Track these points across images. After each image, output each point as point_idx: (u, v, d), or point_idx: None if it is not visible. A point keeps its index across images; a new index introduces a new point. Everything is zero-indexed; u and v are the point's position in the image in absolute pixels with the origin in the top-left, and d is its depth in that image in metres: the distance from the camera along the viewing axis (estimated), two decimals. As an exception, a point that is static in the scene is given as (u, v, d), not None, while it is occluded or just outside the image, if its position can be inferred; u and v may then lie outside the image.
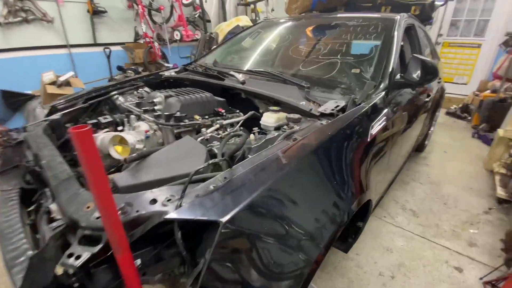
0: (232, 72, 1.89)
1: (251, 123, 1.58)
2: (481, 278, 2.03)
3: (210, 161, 0.86)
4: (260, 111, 1.68)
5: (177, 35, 5.16)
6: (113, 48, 4.78)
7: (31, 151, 1.28)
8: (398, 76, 1.70)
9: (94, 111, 2.03)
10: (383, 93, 1.52)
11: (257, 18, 6.17)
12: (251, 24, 5.66)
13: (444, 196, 3.08)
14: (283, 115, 1.39)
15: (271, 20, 2.80)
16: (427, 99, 2.43)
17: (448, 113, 5.44)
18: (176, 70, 2.43)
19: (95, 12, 4.55)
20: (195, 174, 0.81)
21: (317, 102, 1.46)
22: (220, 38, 5.38)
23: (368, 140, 1.30)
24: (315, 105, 1.43)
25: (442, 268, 2.17)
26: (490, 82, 5.11)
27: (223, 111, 1.55)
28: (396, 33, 1.91)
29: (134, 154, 0.97)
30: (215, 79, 1.90)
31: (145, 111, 1.48)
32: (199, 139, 1.21)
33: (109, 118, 1.82)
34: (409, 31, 2.30)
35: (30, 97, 4.07)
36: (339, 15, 2.52)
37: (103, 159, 1.33)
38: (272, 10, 6.31)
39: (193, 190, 0.80)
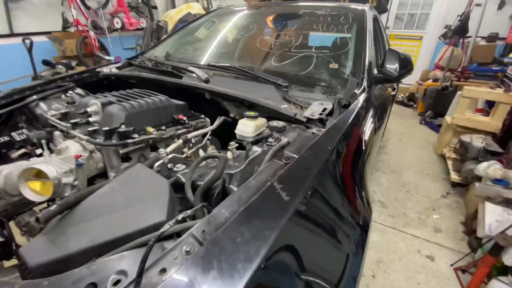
0: (191, 68, 1.56)
1: (219, 130, 1.30)
2: (451, 265, 2.11)
3: (179, 216, 0.57)
4: (231, 115, 1.40)
5: (117, 23, 4.47)
6: (35, 38, 3.91)
7: None
8: (375, 71, 1.56)
9: (6, 123, 1.52)
10: (365, 91, 1.37)
11: (209, 6, 5.72)
12: (204, 12, 5.21)
13: (405, 183, 3.21)
14: (262, 121, 1.14)
15: (228, 8, 2.49)
16: (393, 92, 2.41)
17: (396, 102, 5.79)
18: (118, 65, 1.98)
19: (7, -6, 3.66)
20: (156, 238, 0.51)
21: (299, 104, 1.23)
22: (170, 27, 4.83)
23: (363, 148, 1.12)
24: (297, 108, 1.20)
25: (416, 259, 2.21)
26: (431, 71, 5.55)
27: (184, 118, 1.23)
28: (368, 24, 1.78)
29: (53, 207, 0.61)
30: (170, 76, 1.55)
31: (75, 125, 1.09)
32: (157, 164, 0.89)
33: (25, 134, 1.36)
34: (374, 23, 2.21)
35: None
36: (301, 3, 2.33)
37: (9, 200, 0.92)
38: (225, -3, 5.92)
39: (155, 261, 0.51)
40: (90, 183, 1.00)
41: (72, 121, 1.09)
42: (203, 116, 1.36)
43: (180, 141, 1.03)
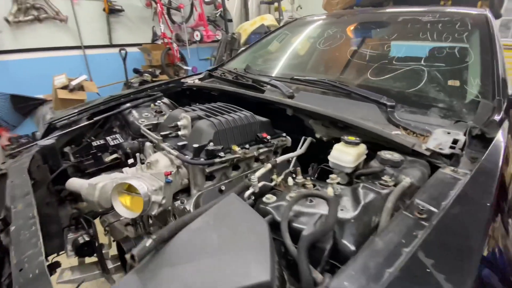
0: (274, 82, 1.45)
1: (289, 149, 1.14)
2: None
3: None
4: (317, 135, 1.23)
5: (197, 36, 4.79)
6: (129, 49, 4.46)
7: (5, 199, 0.89)
8: (510, 91, 1.20)
9: (102, 126, 1.65)
10: (506, 118, 1.04)
11: (281, 17, 5.72)
12: (277, 23, 5.23)
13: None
14: (362, 149, 0.94)
15: (309, 17, 2.35)
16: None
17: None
18: (200, 76, 2.02)
19: (111, 11, 4.26)
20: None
21: (411, 130, 0.99)
22: (243, 39, 4.97)
23: (508, 200, 0.82)
24: (412, 135, 0.96)
25: None
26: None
27: (268, 137, 1.11)
28: (495, 31, 1.42)
29: (148, 243, 0.53)
30: (251, 89, 1.47)
31: (165, 137, 1.06)
32: (247, 193, 0.77)
33: (118, 139, 1.43)
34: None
35: (41, 102, 3.80)
36: (398, 9, 2.04)
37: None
38: (299, 7, 5.84)
39: None
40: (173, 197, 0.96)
41: (162, 133, 1.07)
42: (284, 134, 1.23)
43: (269, 165, 0.91)
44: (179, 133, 1.05)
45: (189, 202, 0.90)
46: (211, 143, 0.95)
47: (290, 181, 0.87)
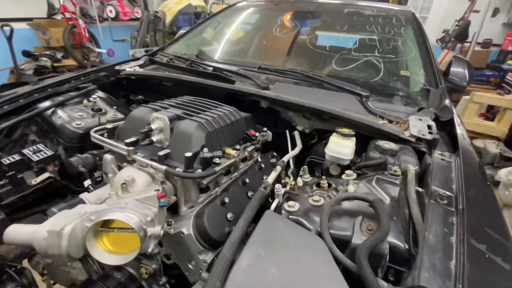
0: (242, 71, 1.33)
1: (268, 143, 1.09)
2: None
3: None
4: (298, 128, 1.20)
5: (111, 12, 4.02)
6: (15, 25, 3.40)
7: None
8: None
9: (9, 135, 1.20)
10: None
11: (207, -1, 5.37)
12: (204, 4, 4.87)
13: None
14: (354, 140, 0.96)
15: (258, 1, 2.24)
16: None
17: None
18: (139, 63, 1.70)
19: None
20: None
21: (387, 118, 1.07)
22: (168, 19, 4.46)
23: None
24: (395, 124, 1.03)
25: None
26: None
27: (256, 134, 1.02)
28: (423, 28, 1.66)
29: (212, 285, 0.39)
30: (216, 79, 1.32)
31: (132, 146, 0.83)
32: (274, 205, 0.68)
33: (44, 151, 1.07)
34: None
35: None
36: (331, 1, 2.14)
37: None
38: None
39: None
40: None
41: (128, 141, 0.83)
42: (265, 129, 1.15)
43: (279, 168, 0.82)
44: (154, 138, 0.84)
45: (185, 224, 0.74)
46: (205, 149, 0.79)
47: (299, 181, 0.81)
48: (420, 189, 0.74)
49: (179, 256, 0.75)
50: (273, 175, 0.80)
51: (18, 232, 0.58)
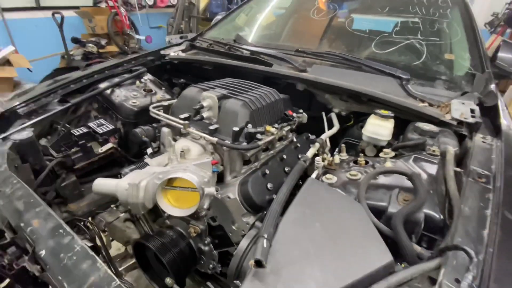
0: (280, 55, 1.38)
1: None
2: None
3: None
4: (335, 110, 1.23)
5: (149, -1, 4.20)
6: (64, 13, 3.70)
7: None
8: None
9: (75, 111, 1.38)
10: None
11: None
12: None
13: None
14: (393, 121, 0.98)
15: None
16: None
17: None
18: (181, 48, 1.81)
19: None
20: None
21: (428, 102, 1.06)
22: (202, 5, 4.55)
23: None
24: (436, 107, 1.03)
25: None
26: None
27: (294, 114, 1.08)
28: (471, 9, 1.56)
29: (268, 231, 0.48)
30: (254, 63, 1.38)
31: (186, 121, 0.93)
32: (314, 175, 0.74)
33: (105, 125, 1.22)
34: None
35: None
36: None
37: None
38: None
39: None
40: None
41: (182, 116, 0.94)
42: (301, 110, 1.20)
43: (317, 144, 0.88)
44: (204, 115, 0.93)
45: (231, 190, 0.83)
46: (249, 125, 0.87)
47: (336, 158, 0.86)
48: (458, 169, 0.76)
49: (224, 218, 0.85)
50: (311, 151, 0.86)
51: (104, 184, 0.71)
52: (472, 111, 0.97)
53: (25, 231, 0.62)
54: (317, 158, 0.78)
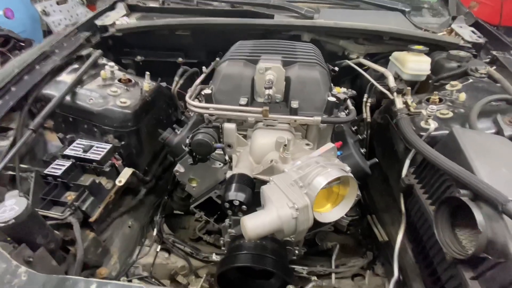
0: (284, 3, 1.18)
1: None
2: None
3: None
4: (353, 56, 1.20)
5: None
6: None
7: None
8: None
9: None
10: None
11: None
12: None
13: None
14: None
15: None
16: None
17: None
18: (120, 13, 1.32)
19: None
20: None
21: (432, 31, 1.15)
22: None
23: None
24: (443, 34, 1.12)
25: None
26: None
27: (336, 68, 1.01)
28: None
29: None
30: (252, 17, 1.16)
31: (247, 106, 0.73)
32: (433, 129, 0.74)
33: (96, 146, 0.86)
34: None
35: None
36: None
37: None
38: None
39: None
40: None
41: (243, 102, 0.73)
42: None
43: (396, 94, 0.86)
44: (270, 92, 0.74)
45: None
46: (330, 92, 0.76)
47: (409, 100, 0.87)
48: None
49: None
50: (398, 100, 0.83)
51: (262, 225, 0.50)
52: (474, 32, 1.10)
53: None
54: (430, 107, 0.75)
